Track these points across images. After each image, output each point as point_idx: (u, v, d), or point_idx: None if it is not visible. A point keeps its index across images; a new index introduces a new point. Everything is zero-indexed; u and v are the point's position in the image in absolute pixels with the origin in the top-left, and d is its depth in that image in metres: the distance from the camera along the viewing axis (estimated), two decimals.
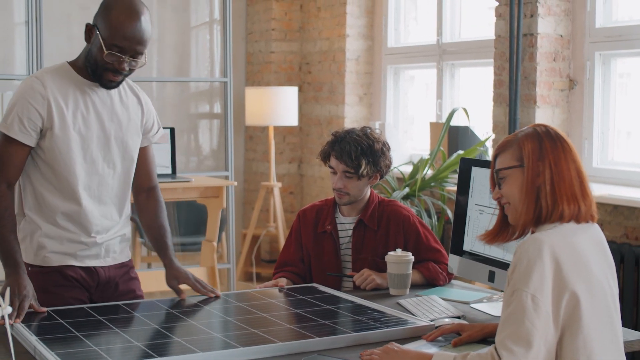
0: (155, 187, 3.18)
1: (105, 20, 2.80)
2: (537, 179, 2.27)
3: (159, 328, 2.63)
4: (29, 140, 2.83)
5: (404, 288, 3.19)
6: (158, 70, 7.55)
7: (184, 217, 6.98)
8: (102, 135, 2.93)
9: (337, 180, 3.34)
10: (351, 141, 3.31)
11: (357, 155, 3.29)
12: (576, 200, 2.27)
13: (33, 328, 2.55)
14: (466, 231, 3.12)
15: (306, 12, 7.57)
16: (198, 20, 7.69)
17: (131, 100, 3.03)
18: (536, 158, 2.28)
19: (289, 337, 2.51)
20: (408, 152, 6.76)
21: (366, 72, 7.10)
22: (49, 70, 2.91)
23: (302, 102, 7.56)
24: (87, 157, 2.91)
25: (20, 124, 2.81)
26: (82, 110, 2.89)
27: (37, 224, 2.90)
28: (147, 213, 3.17)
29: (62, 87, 2.87)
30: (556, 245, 2.19)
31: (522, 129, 2.37)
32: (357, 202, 3.40)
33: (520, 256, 2.20)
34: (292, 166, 7.71)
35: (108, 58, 2.80)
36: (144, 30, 2.82)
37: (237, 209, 7.89)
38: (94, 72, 2.86)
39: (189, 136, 7.67)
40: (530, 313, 2.14)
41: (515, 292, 2.17)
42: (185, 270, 3.08)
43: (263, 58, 7.71)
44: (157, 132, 3.15)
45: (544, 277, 2.15)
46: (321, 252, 3.41)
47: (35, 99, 2.82)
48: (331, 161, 3.36)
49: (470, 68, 6.31)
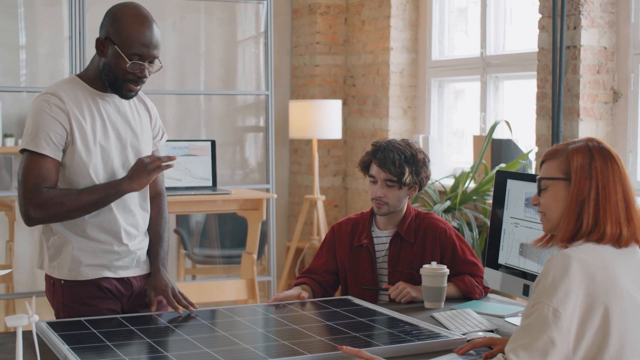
0: (160, 194, 3.17)
1: (119, 31, 2.81)
2: (582, 196, 2.22)
3: (189, 339, 2.64)
4: (57, 154, 2.84)
5: (439, 301, 3.17)
6: (205, 83, 7.62)
7: (229, 230, 7.02)
8: (119, 144, 2.95)
9: (377, 189, 3.32)
10: (394, 149, 3.31)
11: (401, 163, 3.29)
12: (619, 224, 2.22)
13: (65, 337, 2.57)
14: (501, 244, 3.09)
15: (350, 26, 7.58)
16: (245, 34, 7.74)
17: (140, 106, 3.06)
18: (584, 175, 2.23)
19: (319, 349, 2.51)
20: (452, 166, 6.73)
21: (410, 85, 7.09)
22: (60, 85, 2.92)
23: (347, 115, 7.57)
24: (108, 168, 2.92)
25: (47, 138, 2.81)
26: (99, 122, 2.91)
27: (68, 239, 2.91)
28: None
29: (76, 101, 2.88)
30: (585, 262, 2.16)
31: (574, 140, 2.32)
32: (393, 215, 3.39)
33: (547, 270, 2.17)
34: (336, 179, 7.71)
35: (131, 68, 2.82)
36: (157, 34, 2.86)
37: (281, 221, 7.91)
38: (113, 84, 2.88)
39: (234, 149, 7.72)
40: (550, 327, 2.10)
41: (536, 305, 2.14)
42: (167, 282, 3.01)
43: (308, 71, 7.73)
44: (162, 137, 3.16)
45: (569, 293, 2.12)
46: (357, 266, 3.40)
47: (57, 113, 2.83)
48: (372, 170, 3.35)
49: (514, 81, 6.27)
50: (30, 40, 6.92)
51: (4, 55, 6.88)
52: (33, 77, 6.87)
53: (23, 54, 6.89)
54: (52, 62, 6.87)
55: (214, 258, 6.84)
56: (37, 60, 6.93)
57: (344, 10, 7.64)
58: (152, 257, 3.07)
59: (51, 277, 2.96)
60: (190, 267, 7.11)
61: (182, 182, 5.12)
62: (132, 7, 2.88)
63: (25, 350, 2.32)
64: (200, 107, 7.65)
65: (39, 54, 6.92)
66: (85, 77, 2.94)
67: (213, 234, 6.98)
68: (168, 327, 2.80)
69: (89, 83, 2.93)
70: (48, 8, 6.93)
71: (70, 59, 5.18)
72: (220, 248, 6.93)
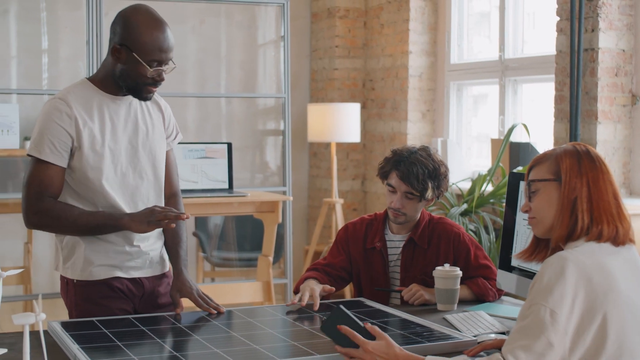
0: (176, 195, 3.18)
1: (136, 38, 2.81)
2: (574, 194, 2.24)
3: (200, 339, 2.64)
4: (61, 161, 2.86)
5: (452, 303, 3.16)
6: (225, 86, 7.65)
7: (249, 233, 7.03)
8: (130, 146, 2.96)
9: (396, 200, 3.28)
10: (417, 162, 3.24)
11: (424, 178, 3.24)
12: (614, 222, 2.24)
13: (76, 337, 2.59)
14: (514, 246, 3.08)
15: (369, 29, 7.58)
16: (265, 38, 7.76)
17: (152, 107, 3.06)
18: (575, 174, 2.25)
19: (327, 349, 2.51)
20: (470, 169, 6.71)
21: (429, 89, 7.08)
22: (70, 89, 2.93)
23: (366, 119, 7.57)
24: (118, 171, 2.93)
25: (51, 145, 2.83)
26: (108, 125, 2.92)
27: (80, 240, 2.93)
28: None
29: (86, 104, 2.90)
30: (582, 263, 2.16)
31: (561, 146, 2.35)
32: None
33: (543, 272, 2.17)
34: (355, 183, 7.71)
35: (152, 74, 2.83)
36: (171, 35, 2.87)
37: (300, 225, 7.92)
38: (132, 88, 2.89)
39: (254, 152, 7.73)
40: (548, 329, 2.11)
41: (533, 306, 2.15)
42: (192, 284, 3.03)
43: (327, 75, 7.74)
44: (176, 137, 3.16)
45: (565, 295, 2.12)
46: (370, 268, 3.39)
47: (62, 119, 2.84)
48: (392, 179, 3.30)
49: (533, 84, 6.25)
50: (52, 44, 6.97)
51: (25, 59, 6.93)
52: (54, 80, 6.92)
53: (45, 57, 6.94)
54: (72, 65, 6.91)
55: (231, 261, 6.86)
56: (58, 63, 6.99)
57: (363, 14, 7.64)
58: (173, 259, 3.08)
59: (65, 277, 2.98)
60: (209, 269, 7.13)
61: (198, 184, 5.14)
62: (144, 11, 2.86)
63: (37, 350, 2.33)
64: (220, 110, 7.68)
65: (60, 58, 6.97)
66: (95, 80, 2.95)
67: (231, 236, 7.00)
68: (179, 328, 2.80)
69: (100, 86, 2.94)
70: (69, 12, 6.98)
71: (88, 63, 5.21)
72: (240, 251, 6.95)
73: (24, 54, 6.94)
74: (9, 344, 2.54)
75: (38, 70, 6.94)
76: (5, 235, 6.53)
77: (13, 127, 4.92)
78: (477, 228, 5.31)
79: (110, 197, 2.91)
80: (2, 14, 6.88)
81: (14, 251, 6.48)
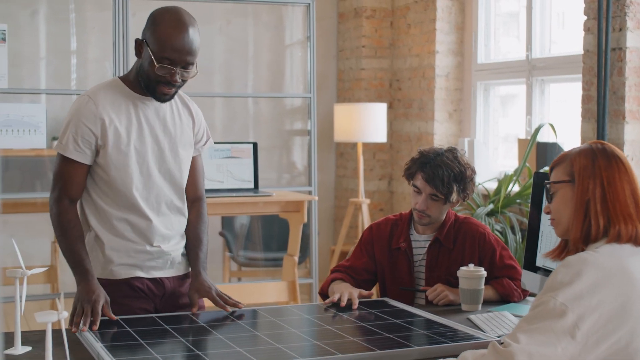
0: (200, 199, 3.18)
1: (154, 34, 2.83)
2: (586, 195, 2.22)
3: (222, 338, 2.65)
4: (84, 158, 2.89)
5: (476, 304, 3.15)
6: (253, 87, 7.66)
7: (276, 233, 7.04)
8: (157, 147, 2.97)
9: (421, 201, 3.28)
10: (443, 165, 3.24)
11: (449, 181, 3.23)
12: (633, 221, 2.20)
13: (100, 335, 2.60)
14: (539, 247, 3.06)
15: (396, 29, 7.57)
16: (293, 38, 7.77)
17: (182, 111, 3.06)
18: (587, 175, 2.23)
19: (350, 349, 2.51)
20: (498, 169, 6.68)
21: (456, 89, 7.06)
22: (101, 87, 2.96)
23: (393, 119, 7.56)
24: (144, 171, 2.95)
25: (74, 143, 2.87)
26: (135, 125, 2.93)
27: (100, 237, 2.96)
28: (188, 225, 3.14)
29: (114, 103, 2.92)
30: (601, 265, 2.12)
31: (579, 145, 2.33)
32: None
33: (559, 269, 2.14)
34: (382, 183, 7.70)
35: (160, 71, 2.84)
36: (192, 41, 2.84)
37: (327, 225, 7.92)
38: (147, 86, 2.90)
39: (281, 152, 7.75)
40: (555, 319, 2.06)
41: (542, 297, 2.12)
42: (210, 284, 3.03)
43: (354, 75, 7.73)
44: (206, 142, 3.17)
45: (580, 294, 2.07)
46: (395, 268, 3.38)
47: (88, 117, 2.87)
48: (417, 180, 3.29)
49: (560, 84, 6.22)
50: (81, 45, 7.02)
51: (53, 60, 6.98)
52: (82, 81, 6.96)
53: (74, 58, 6.99)
54: (100, 66, 6.95)
55: (257, 260, 6.87)
56: (87, 64, 7.03)
57: (390, 14, 7.63)
58: (192, 261, 3.08)
59: None
60: (236, 269, 7.14)
61: (223, 184, 5.15)
62: (173, 11, 2.88)
63: (60, 348, 2.35)
64: (247, 110, 7.70)
65: (88, 59, 7.01)
66: (126, 80, 2.98)
67: (257, 236, 7.01)
68: (202, 326, 2.81)
69: (130, 86, 2.96)
70: (97, 13, 7.02)
71: (114, 64, 5.24)
72: (266, 251, 6.96)
73: (52, 55, 6.98)
74: (33, 342, 2.56)
75: (66, 70, 6.99)
76: (33, 234, 6.59)
77: (40, 126, 4.96)
78: (503, 228, 5.28)
79: (133, 197, 2.93)
80: (31, 14, 6.93)
81: (41, 250, 6.53)
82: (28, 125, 4.94)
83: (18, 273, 2.47)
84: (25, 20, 6.89)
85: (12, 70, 6.12)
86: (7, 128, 4.91)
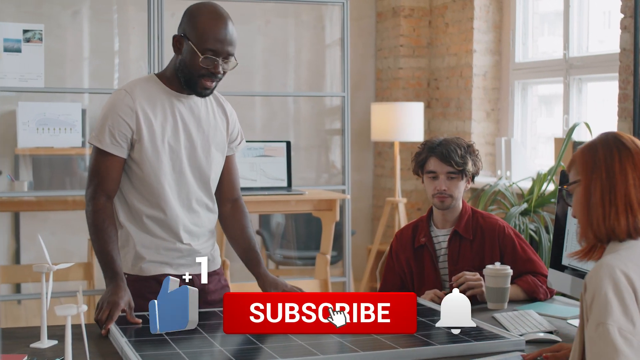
0: (239, 198, 3.21)
1: (194, 27, 2.87)
2: (588, 192, 2.14)
3: (247, 335, 2.66)
4: (120, 152, 2.92)
5: (502, 302, 3.14)
6: (292, 86, 7.69)
7: (314, 232, 7.06)
8: (190, 145, 3.00)
9: (440, 183, 3.35)
10: (451, 143, 3.37)
11: (463, 154, 3.34)
12: (633, 212, 2.09)
13: (125, 330, 2.64)
14: (565, 245, 3.05)
15: (434, 28, 7.56)
16: (332, 37, 7.78)
17: (217, 110, 3.09)
18: (589, 170, 2.14)
19: (373, 347, 2.51)
20: (535, 169, 6.64)
21: (493, 88, 7.03)
22: (137, 82, 3.00)
23: (430, 118, 7.54)
24: (176, 167, 2.98)
25: (111, 136, 2.90)
26: (170, 121, 2.96)
27: (131, 234, 2.99)
28: (234, 224, 3.17)
29: (150, 99, 2.95)
30: (627, 269, 2.02)
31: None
32: (451, 213, 3.41)
33: (596, 286, 2.01)
34: (419, 182, 7.64)
35: (204, 63, 2.87)
36: (233, 31, 2.90)
37: (365, 224, 7.93)
38: (188, 81, 2.93)
39: (319, 151, 7.76)
40: (623, 351, 1.94)
41: (599, 326, 1.98)
42: (283, 282, 3.06)
43: (392, 74, 7.73)
44: (240, 142, 3.19)
45: (627, 306, 1.98)
46: (420, 266, 3.41)
47: (125, 111, 2.90)
48: (431, 165, 3.37)
49: (598, 82, 6.16)
50: (123, 45, 7.09)
51: (95, 60, 7.06)
52: (124, 81, 7.03)
53: (117, 58, 7.06)
54: (139, 65, 7.02)
55: (293, 259, 6.89)
56: (128, 64, 7.10)
57: (428, 13, 7.62)
58: (254, 261, 3.09)
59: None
60: (273, 267, 7.17)
61: (257, 182, 5.18)
62: (210, 5, 2.94)
63: (81, 342, 2.38)
64: (286, 109, 7.73)
65: (129, 59, 7.08)
66: (163, 77, 3.01)
67: (293, 235, 7.04)
68: None
69: (166, 83, 2.99)
70: (137, 13, 7.09)
71: (149, 63, 5.29)
72: (302, 249, 6.98)
73: (94, 55, 7.06)
74: (59, 336, 2.60)
75: (108, 70, 7.07)
76: (71, 231, 6.67)
77: (75, 125, 5.03)
78: (537, 228, 5.26)
79: (165, 192, 2.96)
80: (73, 15, 7.02)
81: (79, 247, 6.61)
82: (64, 124, 5.01)
83: (44, 268, 2.52)
84: (66, 20, 6.98)
85: (53, 70, 6.21)
86: (43, 126, 4.99)
